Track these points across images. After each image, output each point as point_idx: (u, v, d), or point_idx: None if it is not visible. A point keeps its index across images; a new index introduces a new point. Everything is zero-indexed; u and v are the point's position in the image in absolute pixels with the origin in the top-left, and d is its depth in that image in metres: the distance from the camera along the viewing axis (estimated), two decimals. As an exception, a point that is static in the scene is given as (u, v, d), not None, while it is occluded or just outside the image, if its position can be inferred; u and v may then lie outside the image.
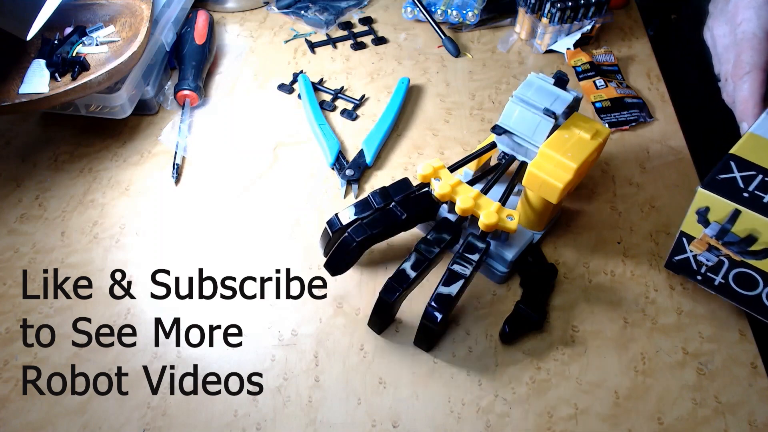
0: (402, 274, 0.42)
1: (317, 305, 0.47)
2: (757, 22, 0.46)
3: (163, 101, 0.62)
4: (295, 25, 0.72)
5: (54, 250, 0.50)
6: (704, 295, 0.47)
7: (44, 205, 0.54)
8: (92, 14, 0.61)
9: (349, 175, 0.55)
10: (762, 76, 0.44)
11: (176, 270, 0.49)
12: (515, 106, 0.46)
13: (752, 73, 0.45)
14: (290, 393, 0.42)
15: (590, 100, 0.62)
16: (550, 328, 0.45)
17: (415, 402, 0.42)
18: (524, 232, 0.47)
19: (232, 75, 0.66)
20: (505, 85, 0.64)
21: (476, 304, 0.47)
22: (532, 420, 0.41)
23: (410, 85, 0.64)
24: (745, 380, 0.43)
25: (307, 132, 0.60)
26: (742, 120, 0.45)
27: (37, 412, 0.41)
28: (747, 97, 0.44)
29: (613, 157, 0.57)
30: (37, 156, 0.57)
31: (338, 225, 0.46)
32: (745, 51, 0.45)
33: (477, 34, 0.70)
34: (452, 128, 0.60)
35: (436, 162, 0.46)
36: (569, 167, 0.43)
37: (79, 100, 0.55)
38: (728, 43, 0.48)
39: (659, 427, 0.41)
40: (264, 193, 0.55)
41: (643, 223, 0.52)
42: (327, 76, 0.66)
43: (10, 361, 0.44)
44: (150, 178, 0.56)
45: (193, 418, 0.41)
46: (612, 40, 0.69)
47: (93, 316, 0.46)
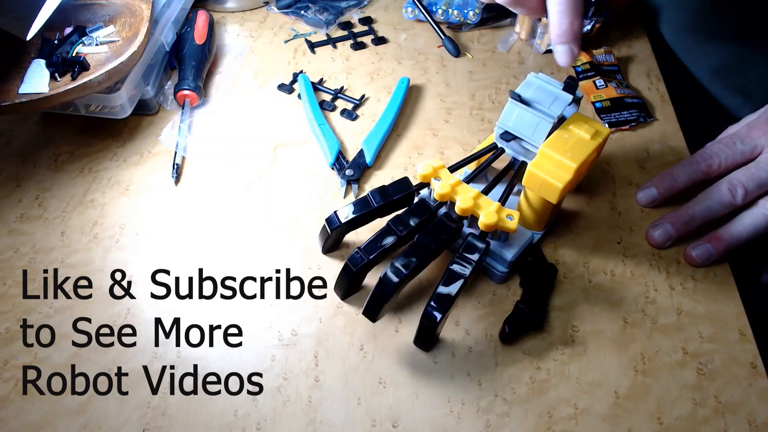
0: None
1: (317, 305, 0.47)
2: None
3: (163, 101, 0.62)
4: (295, 25, 0.72)
5: (54, 250, 0.50)
6: (704, 295, 0.47)
7: (44, 205, 0.54)
8: (92, 14, 0.61)
9: (349, 175, 0.55)
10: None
11: (176, 270, 0.49)
12: (515, 107, 0.46)
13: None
14: (290, 393, 0.42)
15: (590, 100, 0.62)
16: (550, 328, 0.45)
17: (415, 402, 0.42)
18: (524, 232, 0.47)
19: (232, 75, 0.66)
20: (505, 85, 0.64)
21: (476, 304, 0.47)
22: (532, 420, 0.41)
23: (410, 85, 0.64)
24: (745, 380, 0.43)
25: (307, 132, 0.60)
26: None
27: (37, 412, 0.41)
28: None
29: (613, 157, 0.57)
30: (37, 156, 0.57)
31: (337, 222, 0.46)
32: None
33: (477, 34, 0.70)
34: (452, 128, 0.60)
35: (436, 162, 0.46)
36: (569, 167, 0.43)
37: (79, 100, 0.55)
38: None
39: (659, 427, 0.41)
40: (264, 193, 0.55)
41: (643, 223, 0.52)
42: (327, 76, 0.66)
43: (10, 361, 0.44)
44: (150, 178, 0.56)
45: (193, 418, 0.41)
46: (612, 40, 0.69)
47: (93, 316, 0.46)
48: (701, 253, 0.48)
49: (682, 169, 0.51)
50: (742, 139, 0.49)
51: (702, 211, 0.48)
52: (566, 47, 0.40)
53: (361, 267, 0.43)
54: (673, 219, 0.49)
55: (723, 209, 0.48)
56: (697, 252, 0.48)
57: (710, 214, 0.48)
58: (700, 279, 0.48)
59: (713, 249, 0.48)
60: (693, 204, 0.49)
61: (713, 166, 0.49)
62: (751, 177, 0.47)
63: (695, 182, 0.50)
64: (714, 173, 0.50)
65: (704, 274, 0.48)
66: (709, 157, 0.50)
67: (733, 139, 0.49)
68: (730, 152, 0.49)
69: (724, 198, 0.47)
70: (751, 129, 0.49)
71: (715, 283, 0.48)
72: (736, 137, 0.49)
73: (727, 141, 0.50)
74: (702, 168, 0.50)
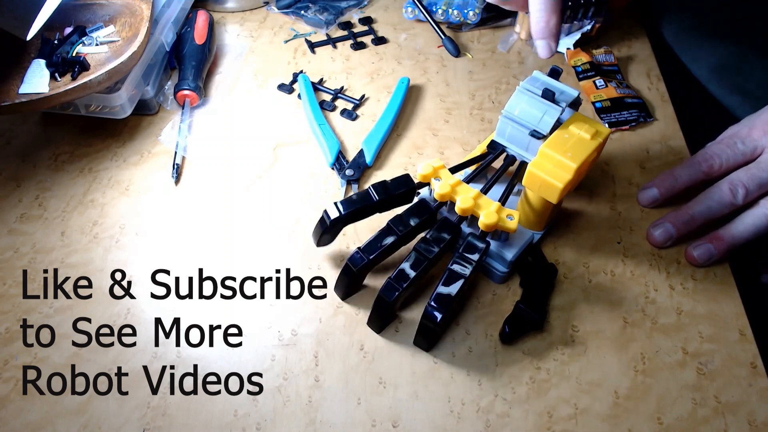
0: (401, 273, 0.42)
1: (317, 305, 0.47)
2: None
3: (163, 101, 0.62)
4: (295, 25, 0.72)
5: (54, 250, 0.50)
6: (704, 295, 0.47)
7: (44, 205, 0.54)
8: (92, 14, 0.61)
9: (349, 175, 0.55)
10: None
11: (176, 270, 0.49)
12: (522, 96, 0.46)
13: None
14: (290, 393, 0.42)
15: (590, 100, 0.62)
16: (550, 328, 0.45)
17: (415, 402, 0.42)
18: (524, 232, 0.47)
19: (232, 75, 0.66)
20: (505, 85, 0.64)
21: (476, 304, 0.47)
22: (532, 420, 0.41)
23: (410, 85, 0.64)
24: (745, 380, 0.43)
25: (307, 132, 0.60)
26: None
27: (37, 412, 0.41)
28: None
29: (613, 157, 0.57)
30: (37, 156, 0.57)
31: (334, 216, 0.45)
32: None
33: (477, 34, 0.70)
34: (452, 128, 0.60)
35: (436, 162, 0.46)
36: (569, 167, 0.43)
37: (79, 100, 0.55)
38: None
39: (659, 427, 0.41)
40: (264, 193, 0.55)
41: (643, 223, 0.52)
42: (327, 76, 0.66)
43: (10, 361, 0.44)
44: (150, 178, 0.56)
45: (193, 418, 0.41)
46: (612, 40, 0.69)
47: (93, 316, 0.46)
48: (702, 253, 0.48)
49: (683, 170, 0.51)
50: (743, 139, 0.49)
51: (703, 211, 0.48)
52: (544, 42, 0.45)
53: (361, 267, 0.43)
54: (674, 219, 0.49)
55: (724, 209, 0.48)
56: (698, 252, 0.48)
57: (711, 214, 0.48)
58: (700, 279, 0.48)
59: (714, 249, 0.48)
60: (694, 204, 0.49)
61: (714, 167, 0.49)
62: (752, 177, 0.47)
63: (696, 182, 0.50)
64: (715, 173, 0.50)
65: (704, 274, 0.48)
66: (710, 157, 0.50)
67: (734, 140, 0.50)
68: (731, 153, 0.49)
69: (725, 198, 0.47)
70: (752, 129, 0.49)
71: (715, 283, 0.48)
72: (737, 138, 0.50)
73: (728, 141, 0.50)
74: (703, 168, 0.50)
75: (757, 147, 0.48)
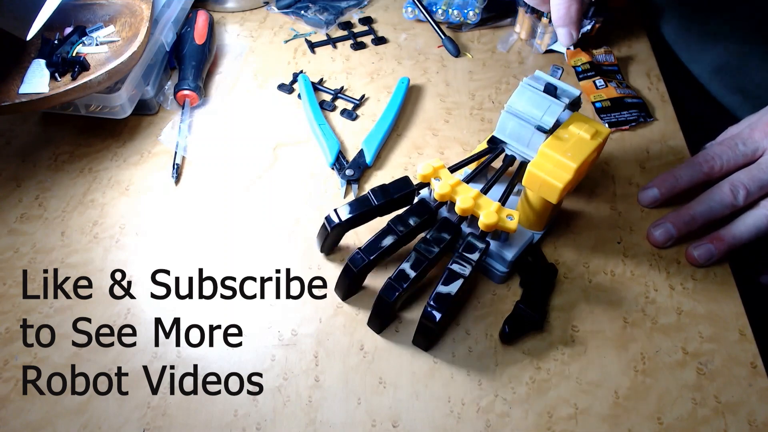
0: (402, 273, 0.42)
1: (317, 305, 0.47)
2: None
3: (163, 101, 0.62)
4: (295, 25, 0.72)
5: (54, 250, 0.50)
6: (704, 295, 0.47)
7: (44, 205, 0.54)
8: (92, 14, 0.61)
9: (349, 175, 0.55)
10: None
11: (176, 270, 0.49)
12: (525, 91, 0.46)
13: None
14: (290, 393, 0.42)
15: (590, 100, 0.62)
16: (550, 328, 0.45)
17: (415, 402, 0.42)
18: (524, 232, 0.47)
19: (232, 75, 0.66)
20: (505, 85, 0.64)
21: (476, 304, 0.47)
22: (532, 420, 0.41)
23: (410, 85, 0.64)
24: (745, 380, 0.43)
25: (307, 132, 0.60)
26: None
27: (37, 412, 0.41)
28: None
29: (613, 157, 0.57)
30: (37, 156, 0.57)
31: (337, 220, 0.46)
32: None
33: (477, 34, 0.70)
34: (452, 128, 0.60)
35: (436, 162, 0.46)
36: (569, 167, 0.43)
37: (79, 100, 0.55)
38: None
39: (659, 426, 0.41)
40: (264, 193, 0.55)
41: (643, 223, 0.52)
42: (327, 76, 0.66)
43: (10, 361, 0.44)
44: (150, 178, 0.56)
45: (193, 418, 0.41)
46: (612, 40, 0.69)
47: (93, 316, 0.46)
48: (703, 253, 0.48)
49: (684, 170, 0.51)
50: (744, 140, 0.49)
51: (703, 211, 0.48)
52: (566, 29, 0.48)
53: (361, 267, 0.43)
54: (675, 219, 0.49)
55: (724, 210, 0.48)
56: (699, 252, 0.48)
57: (711, 215, 0.48)
58: (700, 279, 0.48)
59: (715, 249, 0.48)
60: (694, 204, 0.49)
61: (715, 168, 0.49)
62: (752, 178, 0.47)
63: (697, 183, 0.50)
64: (716, 174, 0.50)
65: (704, 274, 0.48)
66: (711, 158, 0.50)
67: (735, 141, 0.50)
68: (732, 154, 0.49)
69: (725, 199, 0.47)
70: (753, 130, 0.49)
71: (715, 283, 0.48)
72: (738, 138, 0.50)
73: (729, 142, 0.50)
74: (704, 169, 0.50)
75: (758, 148, 0.49)
